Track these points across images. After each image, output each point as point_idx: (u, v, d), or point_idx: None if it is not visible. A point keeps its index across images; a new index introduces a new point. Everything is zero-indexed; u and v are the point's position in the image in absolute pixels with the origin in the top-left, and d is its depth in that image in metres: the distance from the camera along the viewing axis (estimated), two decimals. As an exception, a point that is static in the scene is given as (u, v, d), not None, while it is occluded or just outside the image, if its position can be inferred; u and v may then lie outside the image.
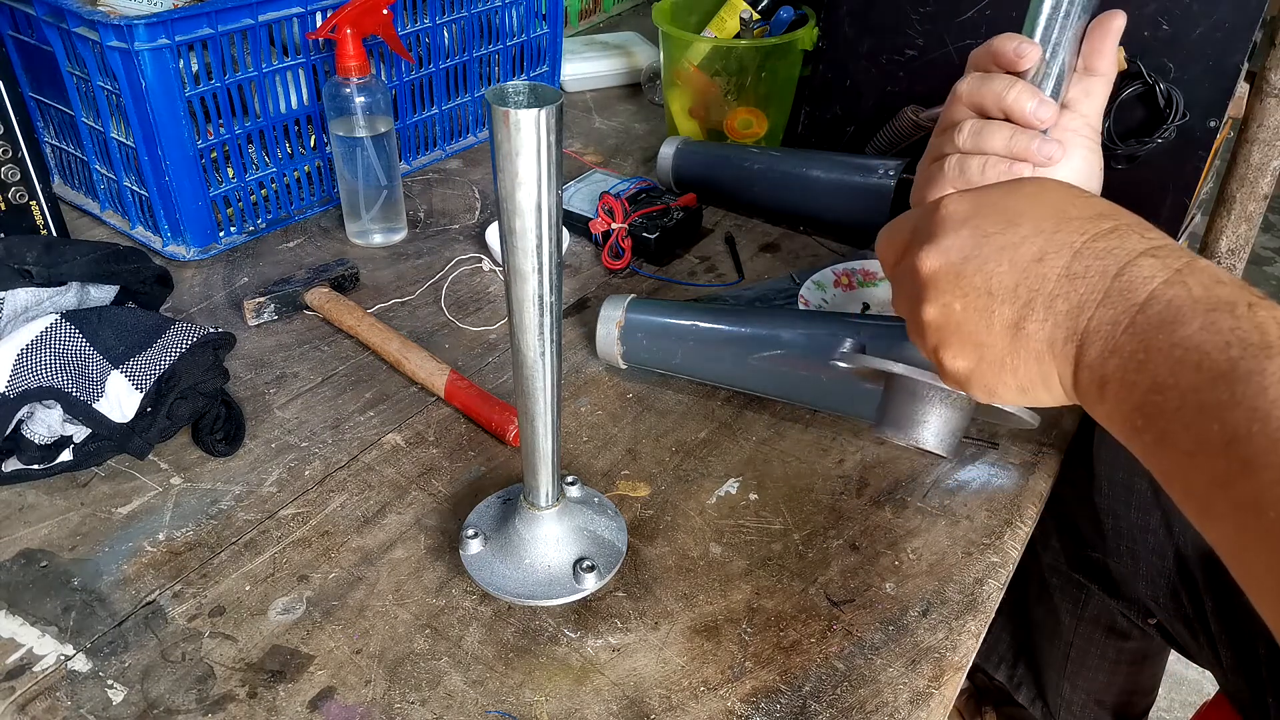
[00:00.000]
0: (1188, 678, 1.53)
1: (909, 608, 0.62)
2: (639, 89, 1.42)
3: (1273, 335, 0.35)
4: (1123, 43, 0.87)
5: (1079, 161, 0.53)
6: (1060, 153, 0.50)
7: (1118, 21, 0.51)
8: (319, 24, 0.96)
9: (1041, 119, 0.50)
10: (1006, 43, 0.50)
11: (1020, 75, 0.50)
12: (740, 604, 0.62)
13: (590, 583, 0.60)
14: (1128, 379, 0.38)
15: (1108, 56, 0.51)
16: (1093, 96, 0.52)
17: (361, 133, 0.94)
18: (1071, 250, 0.40)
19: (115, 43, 0.84)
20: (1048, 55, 0.50)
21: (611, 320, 0.79)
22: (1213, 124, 0.87)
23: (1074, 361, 0.41)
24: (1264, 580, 0.34)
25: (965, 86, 0.52)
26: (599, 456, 0.74)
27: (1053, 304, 0.40)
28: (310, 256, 0.99)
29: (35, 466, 0.69)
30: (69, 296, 0.77)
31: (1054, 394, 0.43)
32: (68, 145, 1.03)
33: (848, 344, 0.53)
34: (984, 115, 0.51)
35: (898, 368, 0.50)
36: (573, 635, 0.60)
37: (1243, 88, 0.92)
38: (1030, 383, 0.43)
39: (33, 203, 0.91)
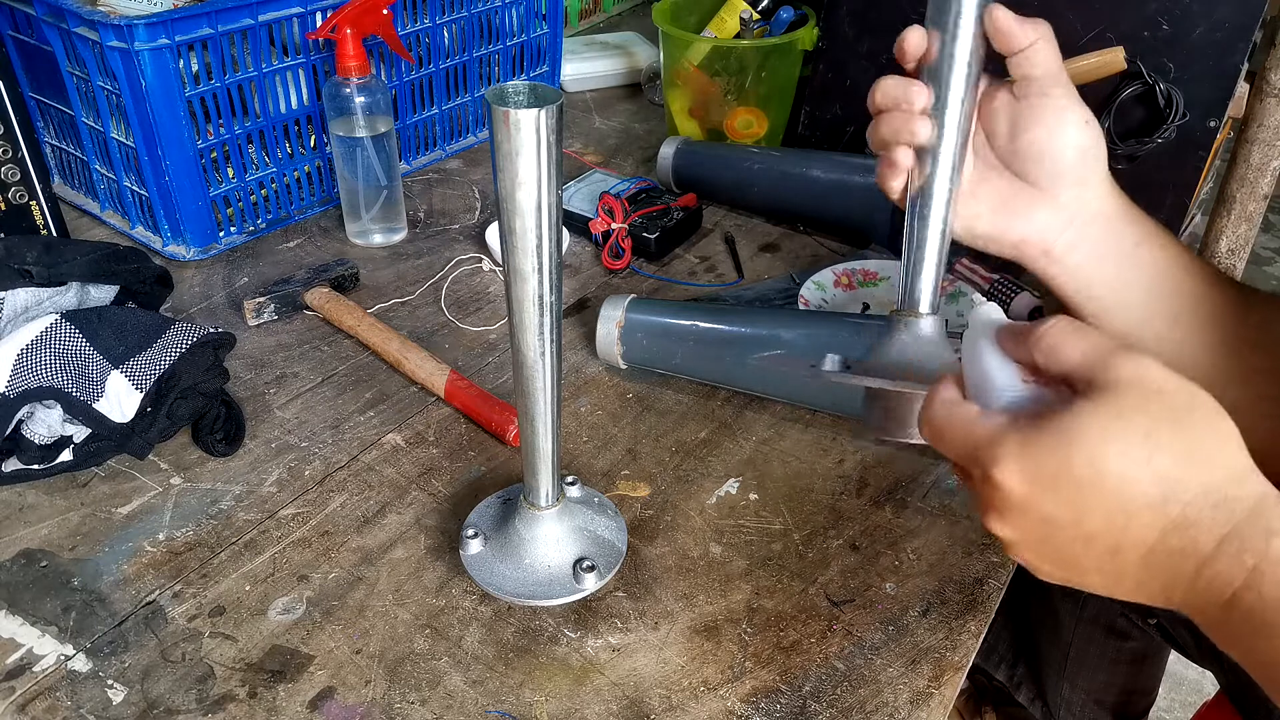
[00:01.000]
0: (1188, 678, 1.53)
1: (909, 608, 0.62)
2: (639, 89, 1.42)
3: None
4: (1123, 42, 0.88)
5: (1071, 127, 0.52)
6: (930, 130, 0.53)
7: (999, 11, 0.51)
8: (319, 24, 0.96)
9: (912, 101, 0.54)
10: (893, 89, 0.56)
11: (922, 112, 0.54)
12: (740, 604, 0.62)
13: (590, 583, 0.60)
14: (1229, 652, 0.39)
15: (1013, 34, 0.51)
16: (1036, 63, 0.51)
17: (361, 133, 0.94)
18: (1145, 547, 0.39)
19: (115, 43, 0.84)
20: (941, 76, 0.52)
21: (611, 320, 0.79)
22: (1213, 124, 0.87)
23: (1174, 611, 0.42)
24: None
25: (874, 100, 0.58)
26: (599, 456, 0.74)
27: (1140, 586, 0.41)
28: (310, 256, 0.99)
29: (35, 466, 0.69)
30: (69, 296, 0.77)
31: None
32: (68, 145, 1.03)
33: (829, 361, 0.54)
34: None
35: (877, 382, 0.51)
36: (573, 635, 0.60)
37: (1243, 88, 0.92)
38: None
39: (33, 203, 0.91)
